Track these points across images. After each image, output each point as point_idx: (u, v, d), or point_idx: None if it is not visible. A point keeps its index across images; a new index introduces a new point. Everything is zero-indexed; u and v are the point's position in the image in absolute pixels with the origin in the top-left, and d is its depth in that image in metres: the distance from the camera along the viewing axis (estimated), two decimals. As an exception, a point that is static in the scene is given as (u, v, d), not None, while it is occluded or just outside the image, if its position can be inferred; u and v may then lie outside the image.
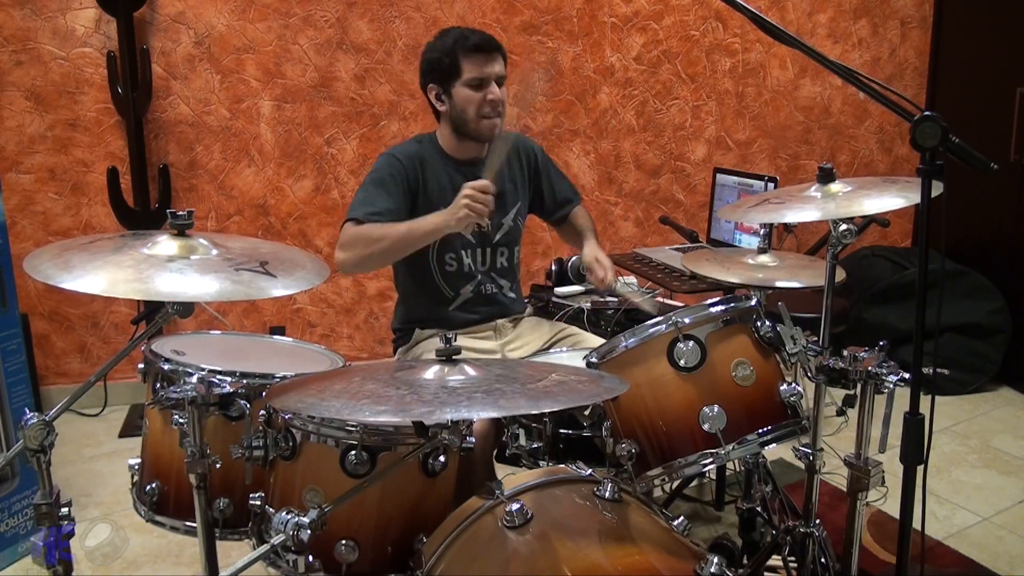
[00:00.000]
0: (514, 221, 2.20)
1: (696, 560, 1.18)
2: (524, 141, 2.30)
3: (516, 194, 2.22)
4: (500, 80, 2.04)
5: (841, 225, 1.55)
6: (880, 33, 4.03)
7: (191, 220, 1.34)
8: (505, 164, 2.17)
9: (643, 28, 3.69)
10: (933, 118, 1.14)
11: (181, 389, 1.29)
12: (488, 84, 2.02)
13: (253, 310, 3.47)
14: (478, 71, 2.00)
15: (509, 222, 2.19)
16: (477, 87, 2.01)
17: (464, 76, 2.01)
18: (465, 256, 2.14)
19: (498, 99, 2.03)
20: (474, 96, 2.02)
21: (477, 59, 2.00)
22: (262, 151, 3.34)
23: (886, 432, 1.43)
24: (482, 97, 2.01)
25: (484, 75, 2.01)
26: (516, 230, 2.22)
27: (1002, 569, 2.22)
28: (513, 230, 2.21)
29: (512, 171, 2.21)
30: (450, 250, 2.12)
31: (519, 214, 2.22)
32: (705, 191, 3.85)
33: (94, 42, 3.09)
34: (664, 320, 1.58)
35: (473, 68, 2.00)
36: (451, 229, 1.90)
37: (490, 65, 2.01)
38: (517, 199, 2.22)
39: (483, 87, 2.01)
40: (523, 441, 1.85)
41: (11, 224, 3.06)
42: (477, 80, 2.01)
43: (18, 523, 2.27)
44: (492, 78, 2.02)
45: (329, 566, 1.38)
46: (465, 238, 2.10)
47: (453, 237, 2.06)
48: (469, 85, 2.01)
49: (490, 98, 2.01)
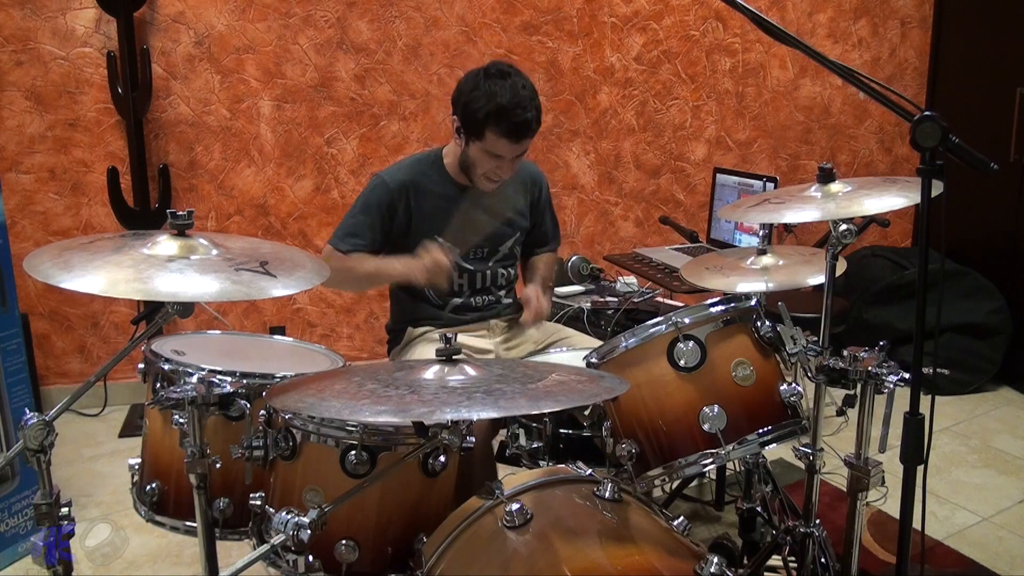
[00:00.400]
0: (510, 250, 2.21)
1: (696, 560, 1.18)
2: (532, 171, 2.28)
3: (515, 223, 2.22)
4: (521, 156, 2.02)
5: (841, 225, 1.55)
6: (880, 33, 4.03)
7: (191, 220, 1.34)
8: (515, 195, 2.19)
9: (643, 28, 3.69)
10: (933, 118, 1.14)
11: (181, 389, 1.29)
12: (505, 162, 2.00)
13: (253, 310, 3.47)
14: (501, 150, 1.97)
15: (506, 250, 2.20)
16: (494, 158, 1.99)
17: (486, 145, 1.97)
18: (457, 278, 2.14)
19: (508, 176, 2.04)
20: (487, 162, 2.00)
21: (504, 141, 1.95)
22: (262, 151, 3.34)
23: (886, 432, 1.43)
24: (493, 167, 2.01)
25: (503, 155, 1.98)
26: (513, 257, 2.24)
27: (1002, 569, 2.22)
28: (510, 256, 2.22)
29: (515, 200, 2.21)
30: None
31: (517, 243, 2.23)
32: (705, 191, 3.85)
33: (94, 42, 3.09)
34: (664, 320, 1.58)
35: (496, 144, 1.96)
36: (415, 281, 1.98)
37: (515, 150, 1.98)
38: (517, 228, 2.22)
39: (498, 159, 1.99)
40: (523, 441, 1.85)
41: (11, 224, 3.06)
42: (496, 155, 1.98)
43: (18, 523, 2.27)
44: (510, 157, 1.99)
45: (329, 566, 1.38)
46: (459, 264, 2.11)
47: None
48: (487, 152, 1.98)
49: (501, 175, 2.02)
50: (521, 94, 1.93)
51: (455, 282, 2.12)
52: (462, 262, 2.12)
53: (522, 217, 2.24)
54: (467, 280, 2.16)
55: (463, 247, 2.10)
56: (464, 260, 2.13)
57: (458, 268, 2.12)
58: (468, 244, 2.11)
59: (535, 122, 1.96)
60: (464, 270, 2.14)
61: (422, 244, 2.04)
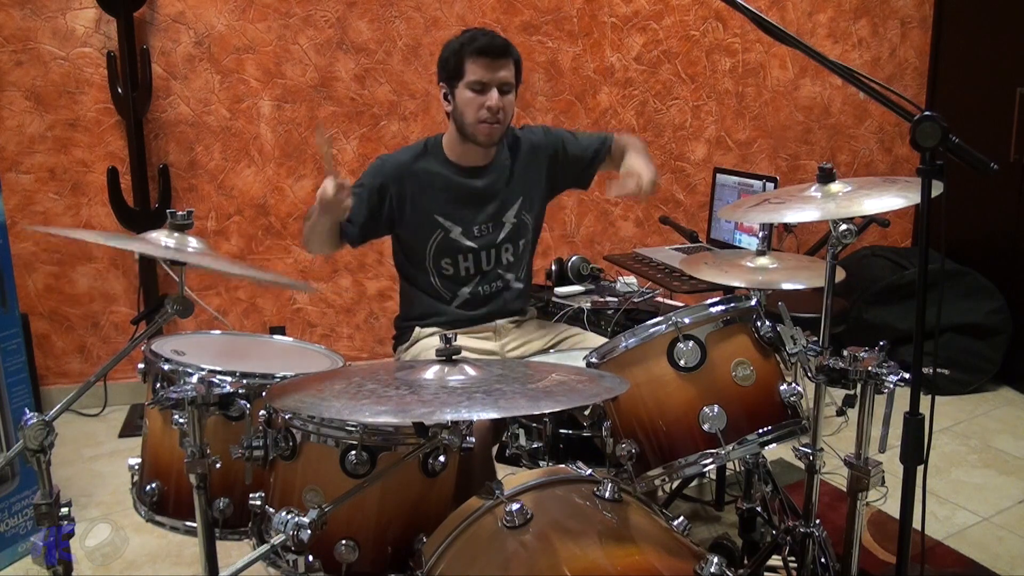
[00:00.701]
0: (517, 218, 2.18)
1: (696, 560, 1.18)
2: (526, 135, 2.24)
3: (516, 191, 2.18)
4: (505, 87, 2.01)
5: (841, 225, 1.55)
6: (880, 33, 4.03)
7: (191, 220, 1.34)
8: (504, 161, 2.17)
9: (643, 28, 3.69)
10: (933, 118, 1.14)
11: (181, 389, 1.29)
12: (489, 89, 1.99)
13: (253, 310, 3.47)
14: (480, 74, 1.99)
15: (512, 219, 2.17)
16: (479, 91, 2.00)
17: (467, 78, 2.00)
18: (462, 260, 2.13)
19: (496, 106, 2.00)
20: (474, 99, 2.00)
21: (481, 62, 1.98)
22: (262, 151, 3.34)
23: (886, 432, 1.43)
24: (481, 102, 2.00)
25: (486, 79, 1.99)
26: (521, 225, 2.19)
27: (1002, 569, 2.22)
28: (518, 226, 2.18)
29: (510, 168, 2.19)
30: (446, 255, 2.12)
31: (523, 209, 2.18)
32: (705, 191, 3.85)
33: (94, 42, 3.09)
34: (664, 320, 1.58)
35: (476, 71, 1.99)
36: (324, 217, 1.91)
37: (493, 70, 1.99)
38: (518, 196, 2.18)
39: (484, 91, 2.00)
40: (523, 441, 1.85)
41: (11, 224, 3.06)
42: (479, 84, 1.99)
43: (18, 523, 2.27)
44: (494, 84, 2.00)
45: (329, 566, 1.38)
46: (462, 243, 2.11)
47: (450, 243, 2.10)
48: (471, 88, 2.00)
49: (488, 104, 2.00)
50: (490, 33, 2.03)
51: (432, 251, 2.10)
52: (467, 240, 2.11)
53: (531, 184, 2.20)
54: (472, 261, 2.14)
55: (467, 223, 2.10)
56: (470, 238, 2.12)
57: (464, 249, 2.12)
58: (472, 219, 2.11)
59: (511, 47, 2.02)
60: (469, 249, 2.13)
61: (424, 222, 2.07)
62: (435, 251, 2.12)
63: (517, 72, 2.05)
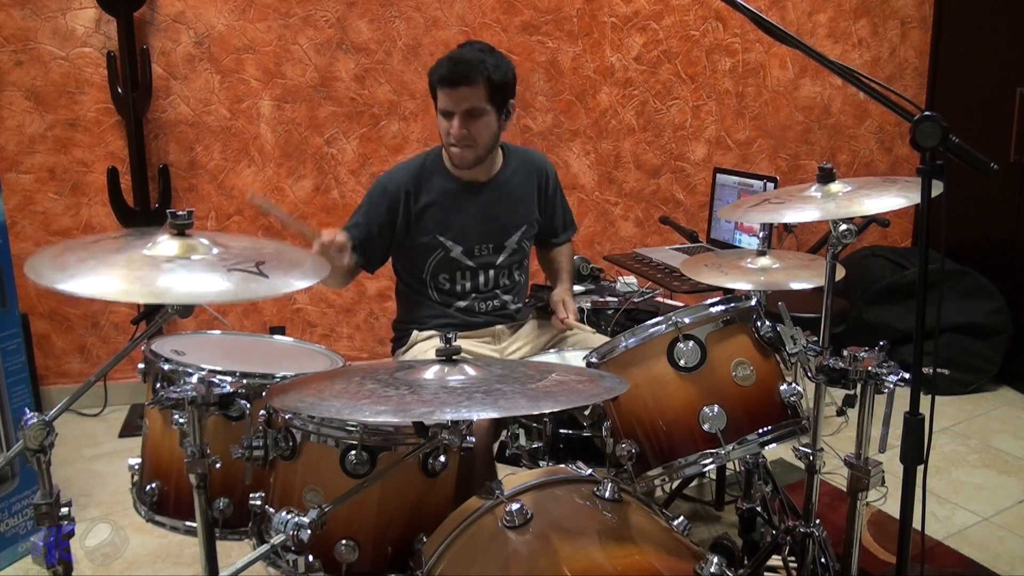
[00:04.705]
0: (518, 244, 2.18)
1: (696, 560, 1.18)
2: (538, 161, 2.26)
3: (522, 216, 2.19)
4: (473, 111, 1.96)
5: (841, 225, 1.55)
6: (880, 33, 4.03)
7: (191, 220, 1.34)
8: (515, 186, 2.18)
9: (643, 28, 3.69)
10: (933, 118, 1.14)
11: (181, 389, 1.29)
12: (452, 117, 1.97)
13: (253, 310, 3.47)
14: (444, 103, 1.98)
15: (514, 244, 2.17)
16: (446, 117, 1.99)
17: (437, 104, 2.01)
18: (460, 278, 2.14)
19: (458, 134, 1.97)
20: (443, 124, 2.01)
21: (443, 91, 1.97)
22: (262, 151, 3.34)
23: (886, 432, 1.43)
24: (447, 127, 2.00)
25: (449, 108, 1.98)
26: (520, 251, 2.20)
27: (1002, 569, 2.22)
28: (518, 251, 2.19)
29: (521, 192, 2.20)
30: (444, 271, 2.13)
31: (525, 236, 2.20)
32: (705, 191, 3.85)
33: (94, 42, 3.09)
34: (664, 320, 1.58)
35: (441, 99, 1.99)
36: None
37: (455, 99, 1.95)
38: (523, 221, 2.19)
39: (449, 119, 1.99)
40: (523, 441, 1.85)
41: (11, 224, 3.06)
42: (444, 111, 1.99)
43: (18, 523, 2.27)
44: (457, 111, 1.96)
45: (329, 566, 1.38)
46: (462, 263, 2.11)
47: (450, 261, 2.11)
48: (441, 114, 2.01)
49: (451, 131, 1.98)
50: (465, 49, 1.99)
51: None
52: (467, 260, 2.11)
53: (528, 210, 2.21)
54: (471, 280, 2.15)
55: (469, 243, 2.10)
56: (470, 258, 2.12)
57: (463, 267, 2.12)
58: (473, 239, 2.11)
59: (477, 68, 1.93)
60: (469, 268, 2.13)
61: (425, 241, 2.08)
62: (434, 267, 2.13)
63: (494, 91, 1.98)
